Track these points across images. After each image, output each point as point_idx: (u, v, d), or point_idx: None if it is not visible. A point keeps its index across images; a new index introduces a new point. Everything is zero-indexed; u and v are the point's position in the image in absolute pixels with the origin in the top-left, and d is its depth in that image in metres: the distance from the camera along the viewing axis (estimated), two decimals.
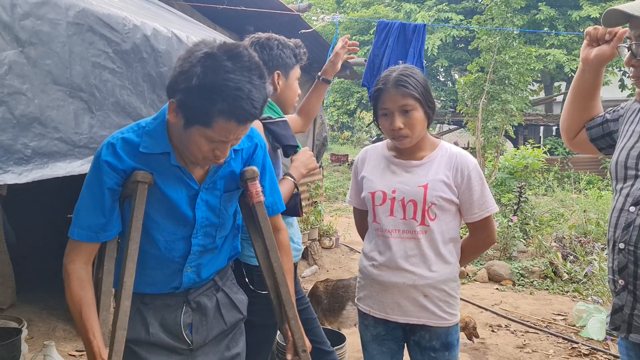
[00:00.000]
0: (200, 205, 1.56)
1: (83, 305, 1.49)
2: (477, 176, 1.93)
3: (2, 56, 1.54)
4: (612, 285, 1.60)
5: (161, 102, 2.26)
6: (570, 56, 16.06)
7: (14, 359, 2.54)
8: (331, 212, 10.44)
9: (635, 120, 1.65)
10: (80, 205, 1.52)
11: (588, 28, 1.72)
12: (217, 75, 1.29)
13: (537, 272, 6.30)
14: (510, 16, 8.80)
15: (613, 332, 1.60)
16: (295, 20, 5.58)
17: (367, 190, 2.02)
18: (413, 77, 1.90)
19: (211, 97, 1.29)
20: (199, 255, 1.62)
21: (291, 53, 2.20)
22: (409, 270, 1.92)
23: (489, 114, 8.57)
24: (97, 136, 1.98)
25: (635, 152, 1.57)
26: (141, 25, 2.09)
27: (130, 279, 1.46)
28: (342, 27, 20.84)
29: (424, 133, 1.95)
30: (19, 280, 4.31)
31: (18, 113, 1.65)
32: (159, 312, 1.64)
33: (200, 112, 1.32)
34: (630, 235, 1.52)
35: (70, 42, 1.77)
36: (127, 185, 1.49)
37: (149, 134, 1.48)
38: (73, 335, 4.03)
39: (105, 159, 1.45)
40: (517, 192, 7.43)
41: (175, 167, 1.50)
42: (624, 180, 1.60)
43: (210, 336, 1.70)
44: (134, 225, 1.46)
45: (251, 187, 1.59)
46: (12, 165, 1.69)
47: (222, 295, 1.75)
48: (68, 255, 1.53)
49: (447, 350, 1.96)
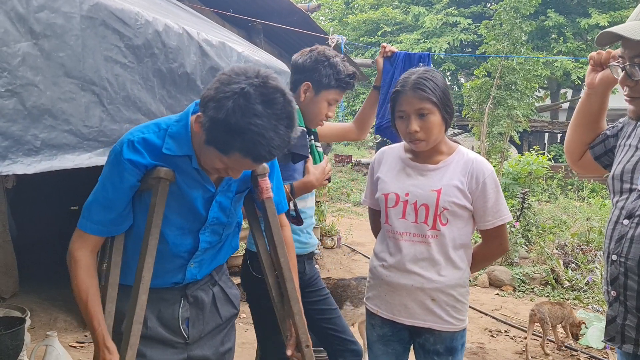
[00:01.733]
0: (214, 206, 1.58)
1: (90, 293, 1.50)
2: (493, 184, 1.92)
3: (16, 47, 1.56)
4: (606, 296, 1.63)
5: (170, 97, 2.27)
6: (578, 64, 16.04)
7: (17, 348, 2.56)
8: (333, 212, 10.45)
9: (632, 134, 1.67)
10: (93, 200, 1.52)
11: (592, 53, 1.72)
12: (244, 117, 1.28)
13: (538, 278, 6.29)
14: (519, 22, 8.79)
15: (608, 343, 1.62)
16: (304, 20, 5.59)
17: (381, 191, 2.02)
18: (432, 80, 1.88)
19: (232, 135, 1.30)
20: (204, 251, 1.64)
21: (333, 75, 2.16)
22: (418, 273, 1.92)
23: (494, 119, 8.57)
24: (107, 130, 1.99)
25: (630, 166, 1.59)
26: (153, 21, 2.10)
27: (148, 274, 1.48)
28: (349, 28, 20.85)
29: (441, 137, 1.93)
30: (21, 270, 4.33)
31: (29, 104, 1.66)
32: (156, 306, 1.64)
33: (220, 142, 1.34)
34: (622, 247, 1.54)
35: (84, 36, 1.79)
36: (146, 180, 1.50)
37: (172, 136, 1.49)
38: (74, 326, 4.05)
39: (127, 157, 1.46)
40: (521, 198, 7.42)
41: (194, 170, 1.52)
42: (620, 194, 1.62)
43: (205, 330, 1.72)
44: (154, 222, 1.47)
45: (261, 183, 1.59)
46: (22, 156, 1.70)
47: (218, 289, 1.77)
48: (75, 242, 1.54)
49: (450, 355, 1.96)
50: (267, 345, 2.28)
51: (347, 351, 2.36)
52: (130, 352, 1.43)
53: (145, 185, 1.51)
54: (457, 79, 22.41)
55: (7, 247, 4.18)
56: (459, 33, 18.38)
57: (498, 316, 5.18)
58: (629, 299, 1.52)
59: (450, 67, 19.30)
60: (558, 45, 17.20)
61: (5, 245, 4.17)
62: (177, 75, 2.28)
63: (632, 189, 1.57)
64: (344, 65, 2.20)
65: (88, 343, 3.80)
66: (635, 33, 1.43)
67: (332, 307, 2.43)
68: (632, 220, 1.53)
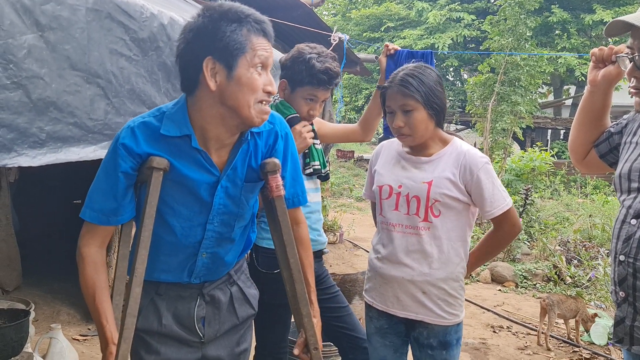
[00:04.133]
0: (220, 191, 1.54)
1: (97, 289, 1.49)
2: (487, 174, 1.91)
3: (22, 40, 1.56)
4: (614, 296, 1.60)
5: (175, 91, 2.27)
6: (582, 60, 15.98)
7: (22, 340, 2.57)
8: (336, 207, 10.45)
9: (638, 131, 1.64)
10: (94, 187, 1.51)
11: (593, 49, 1.70)
12: (232, 8, 1.39)
13: (540, 275, 6.29)
14: (524, 18, 8.76)
15: (617, 344, 1.59)
16: (307, 14, 5.58)
17: (376, 183, 2.05)
18: (419, 77, 1.89)
19: (234, 22, 1.37)
20: (215, 242, 1.60)
21: (305, 71, 2.12)
22: (409, 265, 1.94)
23: (498, 115, 8.55)
24: (111, 122, 1.99)
25: (638, 165, 1.56)
26: (158, 14, 2.10)
27: (141, 266, 1.46)
28: (352, 23, 20.81)
29: (429, 132, 1.94)
30: (24, 263, 4.34)
31: (35, 97, 1.67)
32: (172, 303, 1.63)
33: (231, 40, 1.37)
34: (630, 247, 1.52)
35: (89, 28, 1.79)
36: (142, 170, 1.48)
37: (169, 117, 1.47)
38: (77, 319, 4.07)
39: (122, 141, 1.45)
40: (524, 194, 7.42)
41: (195, 150, 1.48)
42: (627, 193, 1.59)
43: (222, 330, 1.69)
44: (147, 212, 1.45)
45: (271, 181, 1.56)
46: (27, 148, 1.71)
47: (237, 289, 1.74)
48: (83, 238, 1.53)
49: (444, 349, 1.95)
50: (265, 341, 2.29)
51: (357, 349, 2.35)
52: (125, 345, 1.40)
53: (142, 177, 1.49)
54: (460, 75, 22.37)
55: (10, 240, 4.19)
56: (463, 29, 18.33)
57: (500, 312, 5.18)
58: (638, 300, 1.50)
59: (454, 63, 19.26)
60: (562, 41, 17.13)
61: (8, 238, 4.18)
62: None
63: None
64: (321, 61, 2.13)
65: (91, 336, 3.81)
66: None
67: (342, 304, 2.42)
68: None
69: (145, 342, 1.59)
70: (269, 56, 1.43)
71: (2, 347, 2.45)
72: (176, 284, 1.63)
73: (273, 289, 2.09)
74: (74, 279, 2.97)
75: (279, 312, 2.25)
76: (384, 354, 2.07)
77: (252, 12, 1.41)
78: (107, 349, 1.45)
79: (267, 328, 2.28)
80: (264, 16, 1.43)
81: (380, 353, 2.08)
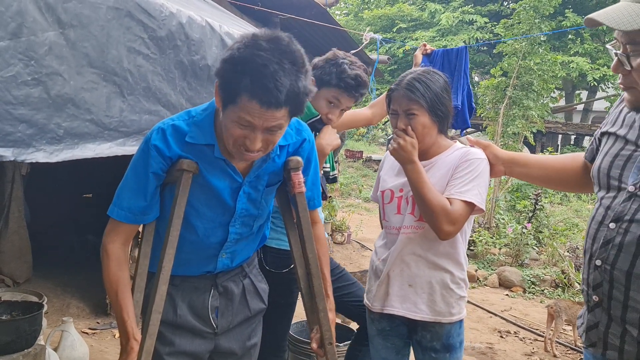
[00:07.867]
0: (242, 197, 1.58)
1: (120, 285, 1.52)
2: (471, 166, 1.88)
3: (43, 37, 1.57)
4: (586, 297, 1.52)
5: (191, 90, 2.28)
6: (594, 65, 15.86)
7: (35, 333, 2.59)
8: (344, 208, 10.45)
9: (617, 120, 1.54)
10: (123, 186, 1.53)
11: None
12: (249, 51, 1.29)
13: (548, 280, 6.27)
14: (538, 22, 8.70)
15: (589, 349, 1.51)
16: (321, 14, 5.58)
17: (380, 188, 2.09)
18: (425, 83, 1.89)
19: (238, 70, 1.29)
20: (235, 242, 1.65)
21: (335, 73, 2.16)
22: (409, 265, 1.96)
23: (509, 119, 8.50)
24: (127, 120, 2.00)
25: (621, 162, 1.45)
26: (177, 13, 2.11)
27: (169, 264, 1.49)
28: (365, 23, 20.76)
29: (432, 138, 1.95)
30: (34, 256, 4.37)
31: (54, 93, 1.68)
32: (187, 294, 1.67)
33: (229, 85, 1.32)
34: (609, 254, 1.41)
35: (109, 26, 1.80)
36: (171, 172, 1.51)
37: (197, 124, 1.49)
38: (87, 313, 4.10)
39: (154, 143, 1.47)
40: (533, 199, 7.38)
41: (219, 159, 1.51)
42: (606, 189, 1.49)
43: (234, 322, 1.73)
44: (176, 213, 1.48)
45: (294, 177, 1.59)
46: (45, 144, 1.72)
47: (249, 282, 1.78)
48: (108, 235, 1.56)
49: (448, 352, 1.97)
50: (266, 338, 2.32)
51: None
52: (149, 340, 1.44)
53: (170, 178, 1.52)
54: (471, 78, 22.27)
55: (22, 232, 4.23)
56: (475, 31, 18.24)
57: (507, 317, 5.16)
58: (614, 308, 1.42)
59: None
60: (575, 46, 17.00)
61: (20, 230, 4.21)
62: (199, 67, 2.29)
63: (621, 187, 1.43)
64: (352, 68, 2.18)
65: (100, 330, 3.84)
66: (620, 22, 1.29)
67: (350, 281, 2.49)
68: (620, 224, 1.39)
69: (160, 332, 1.62)
70: (255, 123, 1.33)
71: (15, 339, 2.48)
72: (191, 276, 1.67)
73: (280, 287, 2.17)
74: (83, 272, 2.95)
75: (283, 310, 2.31)
76: (385, 356, 2.09)
77: (263, 74, 1.27)
78: (128, 344, 1.48)
79: (270, 325, 2.31)
80: (279, 83, 1.27)
81: (382, 355, 2.10)
